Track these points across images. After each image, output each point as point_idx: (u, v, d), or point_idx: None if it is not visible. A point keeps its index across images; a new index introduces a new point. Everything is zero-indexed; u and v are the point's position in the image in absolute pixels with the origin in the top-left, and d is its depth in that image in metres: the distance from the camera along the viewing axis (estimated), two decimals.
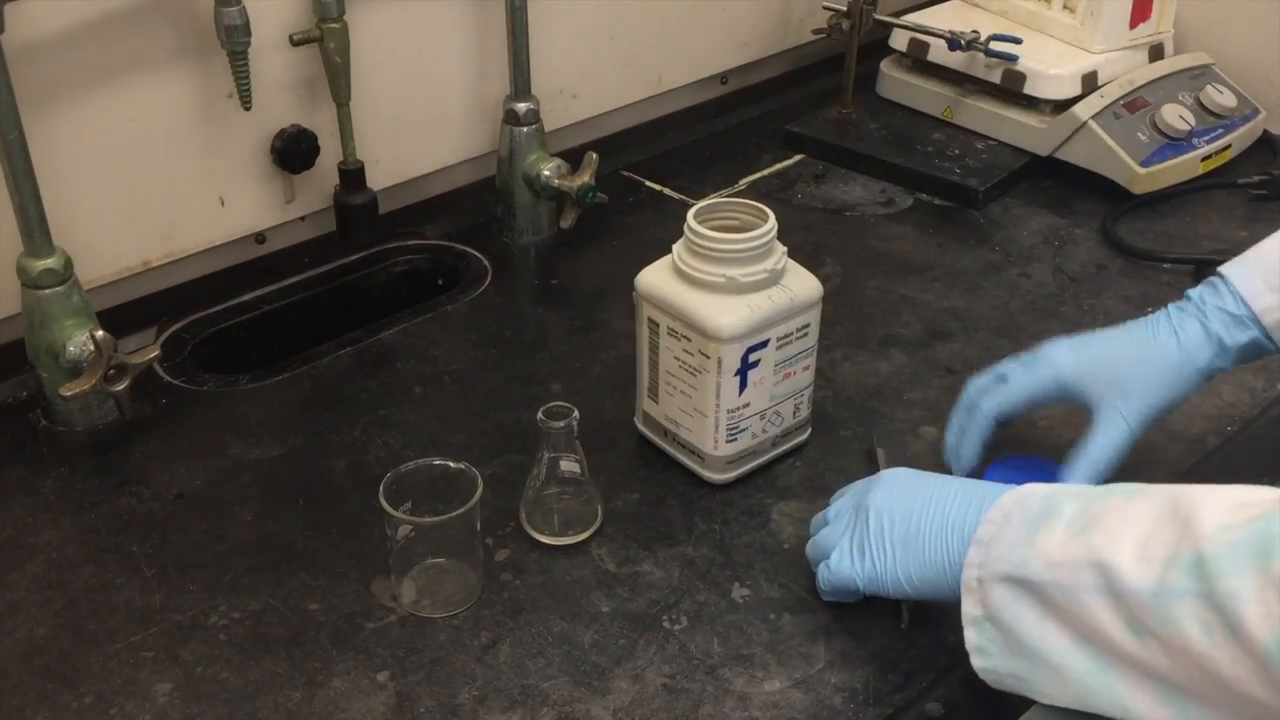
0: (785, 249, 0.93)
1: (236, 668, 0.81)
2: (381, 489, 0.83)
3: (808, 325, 0.94)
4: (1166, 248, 1.27)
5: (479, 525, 0.85)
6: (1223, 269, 0.91)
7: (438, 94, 1.27)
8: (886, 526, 0.80)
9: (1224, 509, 0.64)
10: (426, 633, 0.83)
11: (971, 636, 0.73)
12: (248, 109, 1.10)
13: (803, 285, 0.93)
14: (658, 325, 0.93)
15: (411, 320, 1.16)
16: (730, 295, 0.90)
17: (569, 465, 0.90)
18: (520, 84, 1.24)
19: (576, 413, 0.88)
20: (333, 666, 0.81)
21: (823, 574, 0.83)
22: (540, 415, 0.89)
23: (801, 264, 0.95)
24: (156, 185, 1.11)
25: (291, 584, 0.87)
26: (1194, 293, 0.92)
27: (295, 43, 1.11)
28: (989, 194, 1.35)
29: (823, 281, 1.17)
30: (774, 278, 0.91)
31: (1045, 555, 0.69)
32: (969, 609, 0.73)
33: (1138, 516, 0.67)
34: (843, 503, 0.85)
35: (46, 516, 0.93)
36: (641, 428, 1.00)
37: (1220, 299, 0.90)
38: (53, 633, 0.83)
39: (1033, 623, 0.69)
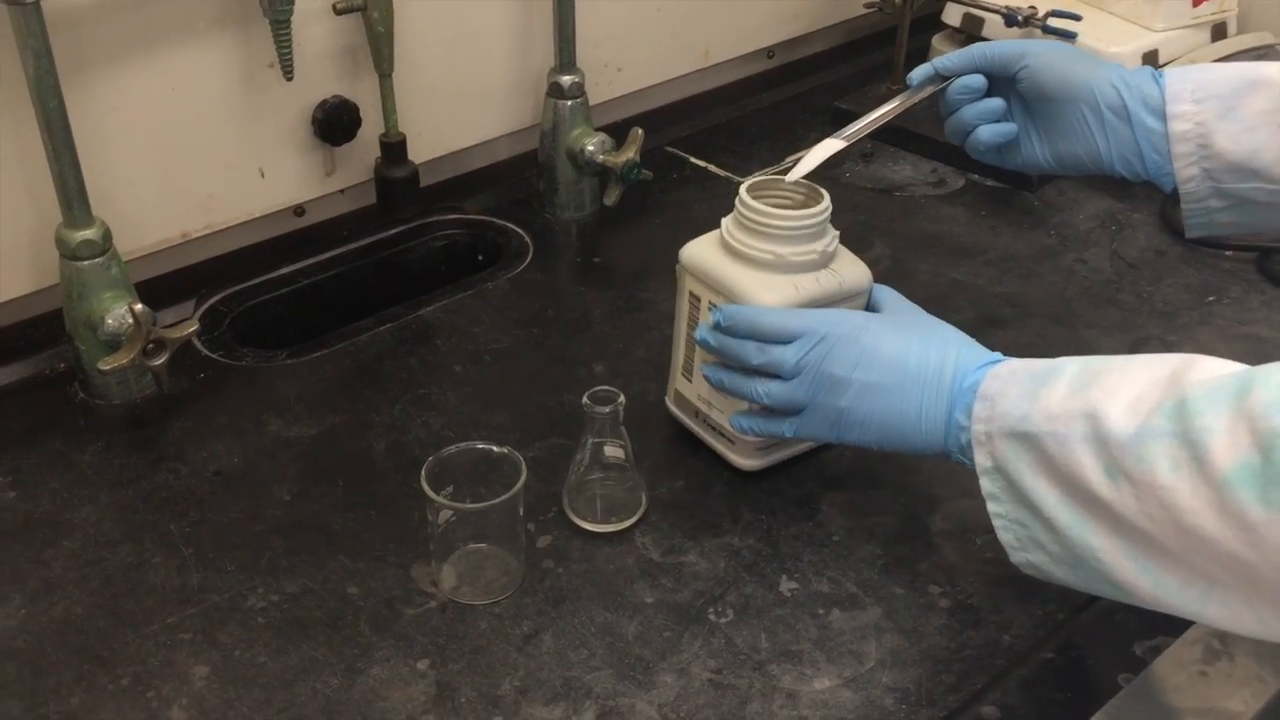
0: (838, 233, 0.90)
1: (274, 652, 0.79)
2: (424, 473, 0.81)
3: None
4: (1228, 234, 1.22)
5: (522, 511, 0.84)
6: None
7: (481, 65, 1.24)
8: (861, 406, 0.81)
9: (1215, 368, 0.68)
10: (467, 620, 0.82)
11: (985, 484, 0.77)
12: (289, 79, 1.08)
13: (852, 271, 0.90)
14: (699, 299, 0.91)
15: (452, 297, 1.14)
16: (777, 274, 0.87)
17: (613, 451, 0.88)
18: (565, 56, 1.21)
19: (622, 398, 0.86)
20: (372, 653, 0.79)
21: (773, 429, 0.85)
22: (585, 400, 0.87)
23: (850, 245, 0.92)
24: (196, 156, 1.09)
25: (330, 566, 0.86)
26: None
27: (338, 11, 1.09)
28: (1044, 176, 1.31)
29: (872, 264, 1.14)
30: (824, 260, 0.88)
31: (1045, 409, 0.72)
32: (981, 460, 0.77)
33: (1137, 377, 0.70)
34: (799, 357, 0.82)
35: (84, 492, 0.92)
36: (672, 407, 0.97)
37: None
38: (89, 612, 0.82)
39: (1030, 476, 0.73)
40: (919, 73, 0.99)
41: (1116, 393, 0.70)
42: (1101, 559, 0.70)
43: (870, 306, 0.90)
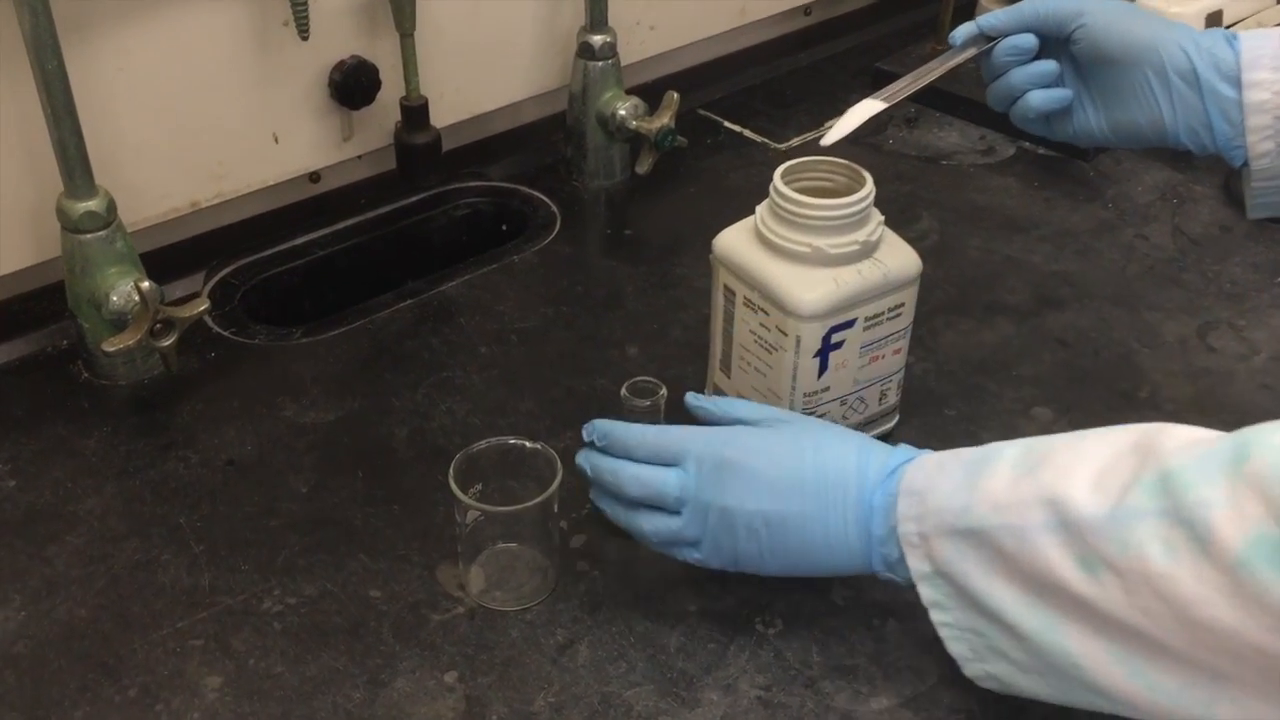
0: (882, 218, 0.83)
1: (292, 661, 0.74)
2: (451, 471, 0.76)
3: (901, 305, 0.84)
4: None
5: (556, 508, 0.78)
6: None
7: (508, 24, 1.17)
8: (761, 539, 0.72)
9: (1191, 434, 0.61)
10: (497, 628, 0.76)
11: (926, 592, 0.68)
12: (305, 38, 1.01)
13: (899, 260, 0.83)
14: (734, 294, 0.85)
15: (476, 271, 1.08)
16: (815, 267, 0.81)
17: None
18: (597, 14, 1.14)
19: (664, 391, 0.80)
20: (396, 664, 0.74)
21: (679, 554, 0.75)
22: (624, 392, 0.81)
23: (895, 218, 0.86)
24: (206, 120, 1.03)
25: (350, 567, 0.80)
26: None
27: None
28: (1097, 146, 1.24)
29: (919, 239, 1.08)
30: (867, 250, 0.82)
31: (991, 499, 0.64)
32: (916, 565, 0.68)
33: (1094, 452, 0.63)
34: (679, 490, 0.73)
35: (88, 482, 0.87)
36: None
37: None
38: (94, 614, 0.77)
39: (981, 578, 0.65)
40: (962, 32, 0.90)
41: (1073, 471, 0.62)
42: (1081, 664, 0.62)
43: (715, 418, 0.78)
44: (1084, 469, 0.62)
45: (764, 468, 0.72)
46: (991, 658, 0.67)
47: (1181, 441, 0.60)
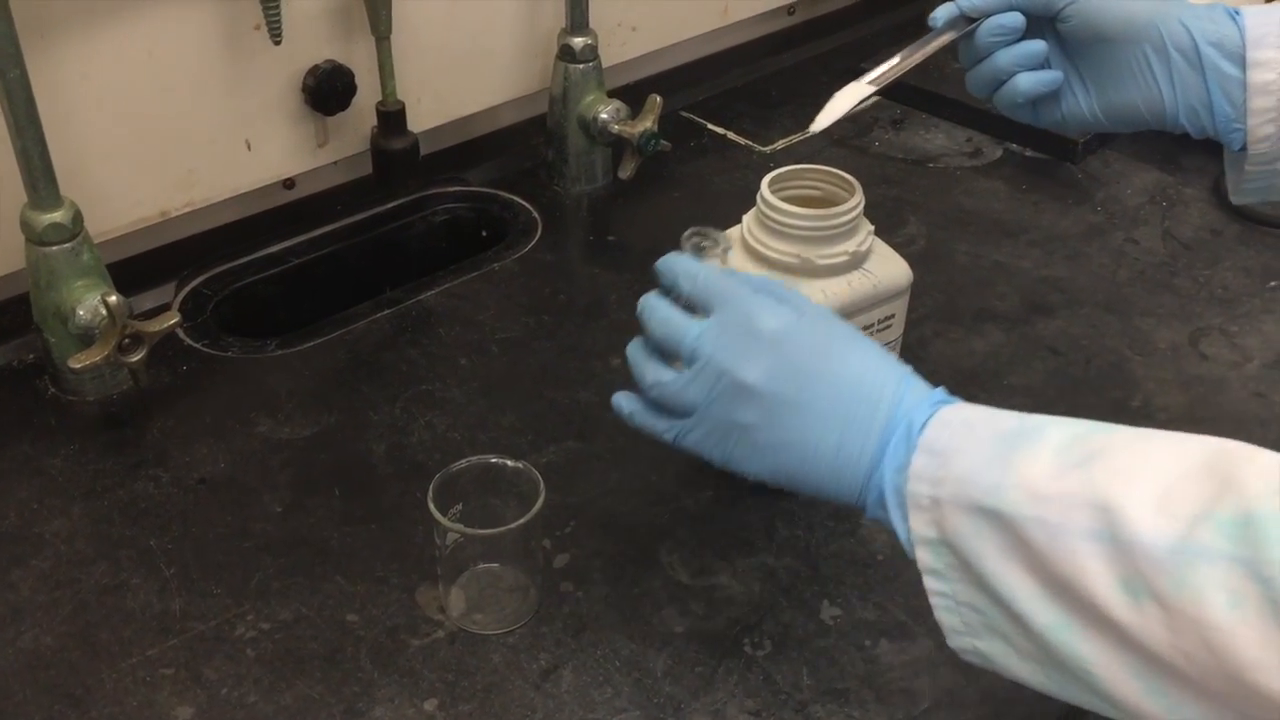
0: (872, 228, 0.82)
1: (266, 690, 0.72)
2: (430, 492, 0.73)
3: (892, 316, 0.82)
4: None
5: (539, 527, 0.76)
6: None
7: (486, 26, 1.15)
8: (767, 426, 0.64)
9: (1276, 469, 0.54)
10: (478, 653, 0.74)
11: (924, 557, 0.61)
12: (278, 43, 0.98)
13: (888, 271, 0.82)
14: None
15: (455, 280, 1.06)
16: (803, 279, 0.79)
17: None
18: (577, 15, 1.12)
19: (727, 244, 0.72)
20: (374, 691, 0.72)
21: (651, 425, 0.68)
22: (686, 235, 0.73)
23: (882, 223, 0.84)
24: (176, 127, 1.00)
25: (326, 590, 0.78)
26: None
27: None
28: (1088, 145, 1.22)
29: (906, 244, 1.06)
30: (856, 261, 0.80)
31: (1029, 485, 0.57)
32: (921, 529, 0.61)
33: (1159, 460, 0.56)
34: (698, 338, 0.65)
35: (55, 502, 0.84)
36: None
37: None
38: (60, 642, 0.74)
39: (996, 561, 0.58)
40: (942, 13, 0.83)
41: (1134, 481, 0.55)
42: (1093, 672, 0.56)
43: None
44: (1147, 482, 0.55)
45: (797, 352, 0.64)
46: (986, 635, 0.61)
47: (1270, 480, 0.53)
